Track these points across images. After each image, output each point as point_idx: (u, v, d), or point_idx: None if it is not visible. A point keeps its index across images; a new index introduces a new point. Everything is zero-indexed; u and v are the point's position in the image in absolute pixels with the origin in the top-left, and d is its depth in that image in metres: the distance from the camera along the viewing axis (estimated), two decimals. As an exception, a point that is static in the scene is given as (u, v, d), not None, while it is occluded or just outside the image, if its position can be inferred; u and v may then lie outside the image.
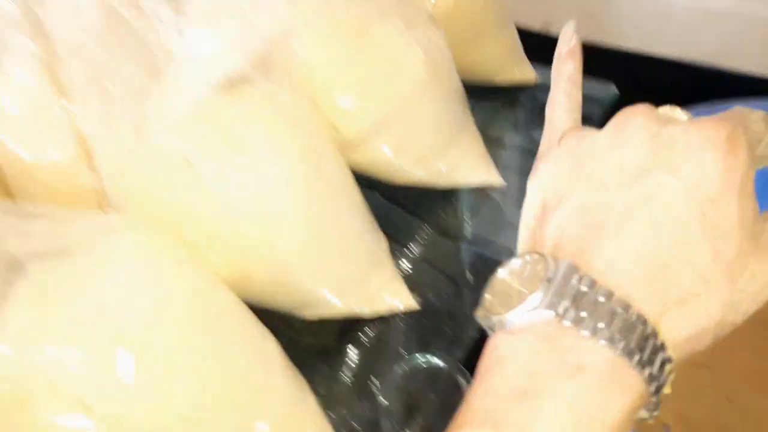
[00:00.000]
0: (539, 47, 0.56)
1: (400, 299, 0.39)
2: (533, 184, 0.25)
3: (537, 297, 0.20)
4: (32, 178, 0.33)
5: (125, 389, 0.24)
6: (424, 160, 0.43)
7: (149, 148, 0.29)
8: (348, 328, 0.41)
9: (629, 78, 0.61)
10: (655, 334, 0.20)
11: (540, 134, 0.33)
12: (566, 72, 0.28)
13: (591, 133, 0.24)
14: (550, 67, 0.28)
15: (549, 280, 0.20)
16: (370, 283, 0.38)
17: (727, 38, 0.73)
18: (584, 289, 0.20)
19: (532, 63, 0.57)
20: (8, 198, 0.35)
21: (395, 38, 0.38)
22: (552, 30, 0.75)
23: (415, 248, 0.46)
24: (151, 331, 0.25)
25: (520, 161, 0.54)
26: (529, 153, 0.54)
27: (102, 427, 0.24)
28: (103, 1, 0.25)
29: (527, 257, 0.22)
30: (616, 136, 0.23)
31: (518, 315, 0.20)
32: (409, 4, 0.40)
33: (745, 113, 0.25)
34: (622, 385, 0.19)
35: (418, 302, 0.40)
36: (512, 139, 0.55)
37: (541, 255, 0.21)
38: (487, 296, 0.22)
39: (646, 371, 0.19)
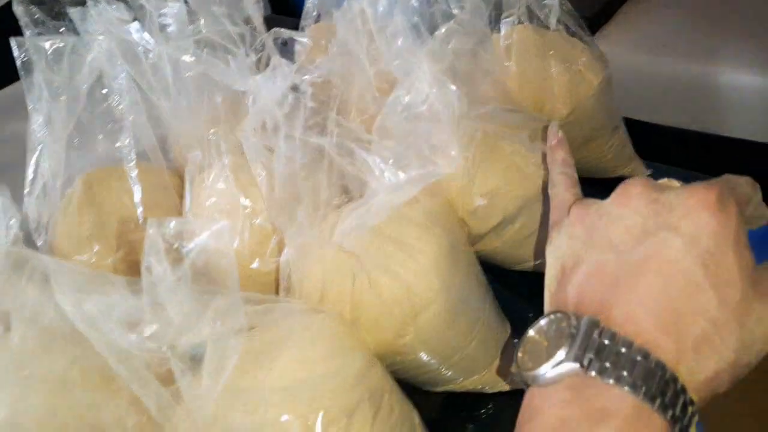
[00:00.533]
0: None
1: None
2: (550, 252, 0.28)
3: (563, 352, 0.22)
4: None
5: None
6: (542, 250, 0.48)
7: (329, 245, 0.37)
8: (463, 405, 0.45)
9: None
10: (674, 378, 0.22)
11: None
12: (559, 157, 0.33)
13: (596, 202, 0.27)
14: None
15: (573, 336, 0.22)
16: (494, 363, 0.42)
17: None
18: (606, 341, 0.22)
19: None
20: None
21: (521, 150, 0.44)
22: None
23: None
24: (332, 396, 0.31)
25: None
26: None
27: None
28: (317, 146, 0.33)
29: (552, 316, 0.24)
30: (620, 203, 0.26)
31: (548, 369, 0.23)
32: (531, 120, 0.47)
33: (732, 179, 0.27)
34: (648, 428, 0.21)
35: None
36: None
37: (565, 313, 0.24)
38: (519, 354, 0.25)
39: (669, 413, 0.21)
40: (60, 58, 0.43)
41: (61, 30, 0.47)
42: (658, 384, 0.21)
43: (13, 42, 0.43)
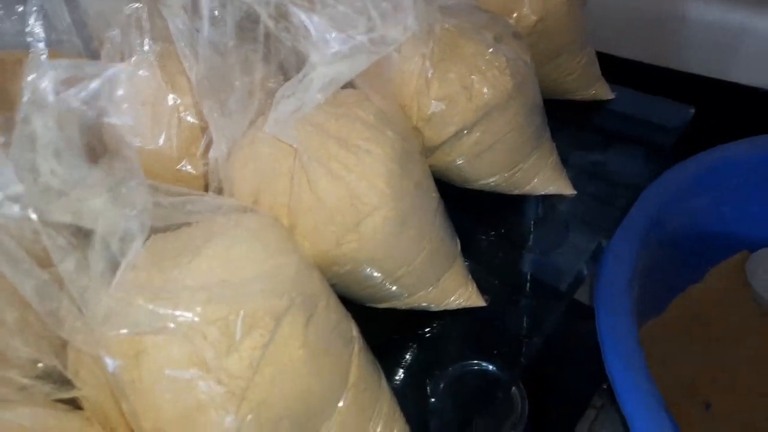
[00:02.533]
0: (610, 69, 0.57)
1: (468, 297, 0.41)
2: None
3: None
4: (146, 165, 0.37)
5: (234, 347, 0.27)
6: (501, 168, 0.45)
7: (261, 139, 0.32)
8: (407, 325, 0.43)
9: (704, 103, 0.61)
10: None
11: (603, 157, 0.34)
12: None
13: None
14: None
15: None
16: (441, 279, 0.40)
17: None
18: None
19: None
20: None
21: (484, 52, 0.40)
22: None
23: (480, 253, 0.48)
24: (259, 299, 0.28)
25: (584, 182, 0.55)
26: (591, 175, 0.55)
27: (212, 381, 0.27)
28: (250, 14, 0.28)
29: None
30: None
31: None
32: (497, 21, 0.42)
33: None
34: None
35: (488, 301, 0.42)
36: (576, 159, 0.56)
37: None
38: None
39: None
40: None
41: None
42: None
43: None
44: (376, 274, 0.36)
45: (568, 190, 0.48)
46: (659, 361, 0.67)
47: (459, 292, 0.41)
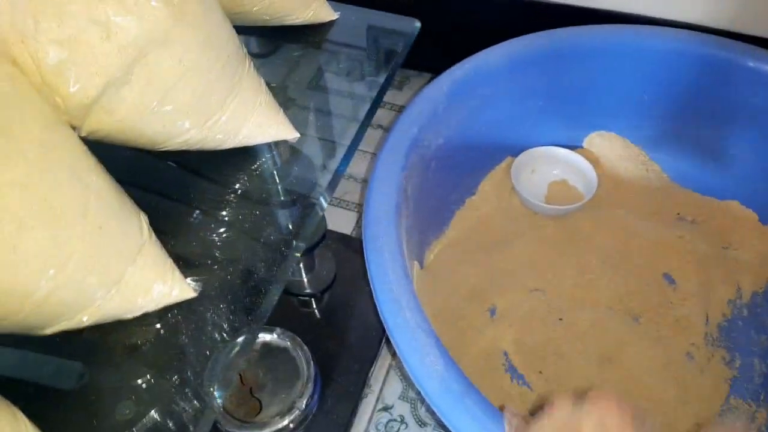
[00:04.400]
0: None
1: (172, 288, 0.33)
2: None
3: None
4: None
5: None
6: (190, 118, 0.36)
7: None
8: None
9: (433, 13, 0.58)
10: None
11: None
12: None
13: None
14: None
15: None
16: (124, 278, 0.31)
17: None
18: None
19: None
20: None
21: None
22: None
23: (223, 216, 0.40)
24: None
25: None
26: (320, 112, 0.49)
27: None
28: None
29: None
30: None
31: None
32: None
33: None
34: None
35: (198, 290, 0.34)
36: (305, 98, 0.50)
37: None
38: None
39: None
40: None
41: None
42: None
43: None
44: (9, 299, 0.26)
45: (289, 133, 0.41)
46: (449, 276, 0.67)
47: (157, 286, 0.33)
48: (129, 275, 0.31)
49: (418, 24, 0.51)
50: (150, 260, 0.32)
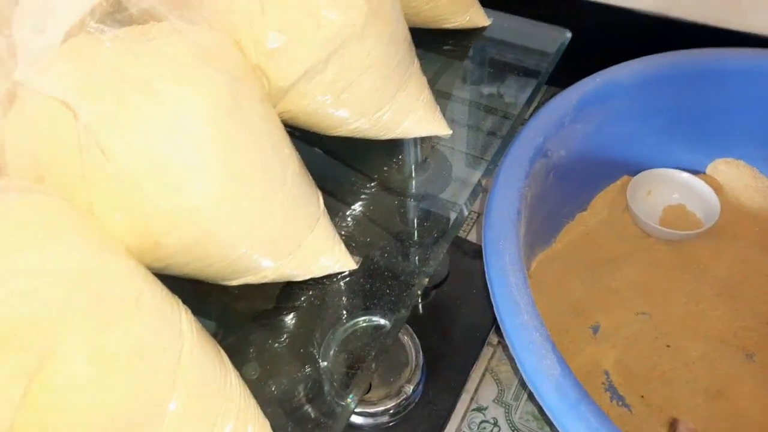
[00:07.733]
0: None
1: (337, 260, 0.36)
2: None
3: None
4: None
5: None
6: (364, 110, 0.39)
7: (25, 94, 0.24)
8: (286, 291, 0.38)
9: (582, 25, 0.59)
10: None
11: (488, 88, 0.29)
12: None
13: None
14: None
15: None
16: (303, 244, 0.35)
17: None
18: None
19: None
20: None
21: (329, -31, 0.33)
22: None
23: (358, 205, 0.43)
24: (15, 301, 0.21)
25: (468, 114, 0.51)
26: (477, 106, 0.51)
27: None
28: None
29: None
30: None
31: None
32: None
33: None
34: None
35: (360, 262, 0.37)
36: (460, 91, 0.52)
37: None
38: None
39: None
40: None
41: None
42: None
43: None
44: (213, 249, 0.30)
45: (443, 130, 0.43)
46: (553, 289, 0.67)
47: (325, 257, 0.36)
48: (307, 242, 0.35)
49: (569, 34, 0.52)
50: (322, 231, 0.36)
